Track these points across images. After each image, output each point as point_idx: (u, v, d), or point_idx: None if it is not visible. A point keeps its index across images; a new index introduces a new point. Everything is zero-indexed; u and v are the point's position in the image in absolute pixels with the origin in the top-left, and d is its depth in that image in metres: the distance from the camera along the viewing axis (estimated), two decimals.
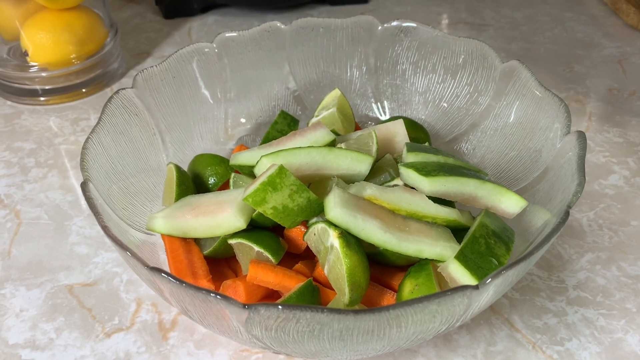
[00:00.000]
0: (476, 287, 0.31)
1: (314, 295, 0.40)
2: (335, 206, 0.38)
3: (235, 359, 0.42)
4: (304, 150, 0.42)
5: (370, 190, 0.41)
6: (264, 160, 0.42)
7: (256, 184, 0.40)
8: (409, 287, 0.39)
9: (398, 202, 0.40)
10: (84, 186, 0.39)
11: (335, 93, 0.54)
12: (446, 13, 0.85)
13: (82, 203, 0.55)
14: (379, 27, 0.56)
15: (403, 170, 0.42)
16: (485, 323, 0.44)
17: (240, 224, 0.41)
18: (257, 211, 0.41)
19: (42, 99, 0.68)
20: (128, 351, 0.43)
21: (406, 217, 0.40)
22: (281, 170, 0.40)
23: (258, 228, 0.43)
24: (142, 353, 0.43)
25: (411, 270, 0.40)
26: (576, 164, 0.39)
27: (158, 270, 0.32)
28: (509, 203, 0.42)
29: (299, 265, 0.43)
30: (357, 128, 0.56)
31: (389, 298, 0.40)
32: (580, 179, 0.38)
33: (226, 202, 0.42)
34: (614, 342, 0.43)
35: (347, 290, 0.37)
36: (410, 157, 0.44)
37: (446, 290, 0.31)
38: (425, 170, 0.41)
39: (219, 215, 0.42)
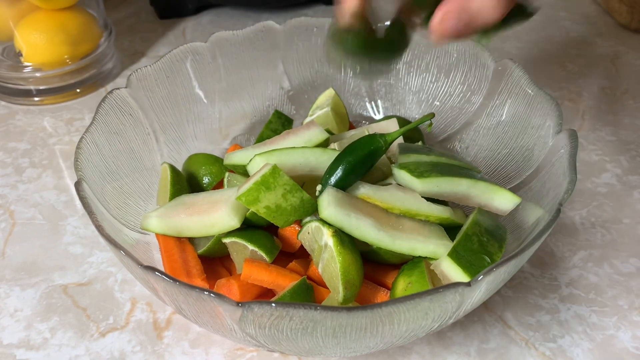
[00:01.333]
0: (468, 284, 0.31)
1: (308, 294, 0.40)
2: (329, 205, 0.38)
3: (229, 358, 0.42)
4: (298, 151, 0.43)
5: (364, 189, 0.41)
6: (258, 159, 0.42)
7: (249, 183, 0.40)
8: (402, 285, 0.39)
9: (391, 200, 0.40)
10: (77, 186, 0.39)
11: (330, 92, 0.54)
12: None
13: (76, 203, 0.55)
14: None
15: (396, 171, 0.43)
16: (479, 320, 0.44)
17: (234, 223, 0.41)
18: (250, 210, 0.41)
19: (36, 99, 0.68)
20: (123, 350, 0.43)
21: (399, 215, 0.41)
22: (274, 170, 0.40)
23: (252, 227, 0.43)
24: (137, 352, 0.43)
25: (404, 268, 0.40)
26: (568, 162, 0.39)
27: (152, 269, 0.33)
28: (502, 200, 0.42)
29: (293, 264, 0.43)
30: (352, 127, 0.56)
31: (382, 296, 0.41)
32: (571, 176, 0.38)
33: (220, 202, 0.43)
34: (606, 338, 0.43)
35: (341, 288, 0.37)
36: (403, 158, 0.44)
37: (438, 287, 0.31)
38: (417, 171, 0.41)
39: (213, 215, 0.42)
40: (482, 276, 0.32)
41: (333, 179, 0.41)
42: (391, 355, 0.42)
